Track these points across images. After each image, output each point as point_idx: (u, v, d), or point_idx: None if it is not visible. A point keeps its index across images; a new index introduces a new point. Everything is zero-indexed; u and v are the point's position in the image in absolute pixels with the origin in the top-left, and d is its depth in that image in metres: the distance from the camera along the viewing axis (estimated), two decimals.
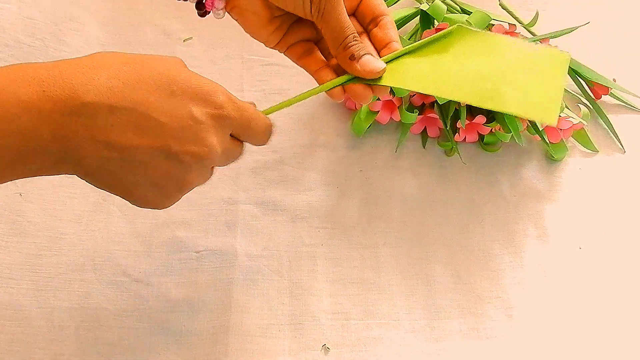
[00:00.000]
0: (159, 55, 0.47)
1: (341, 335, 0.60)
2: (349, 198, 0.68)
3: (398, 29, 0.72)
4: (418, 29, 0.70)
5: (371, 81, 0.53)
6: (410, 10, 0.73)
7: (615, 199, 0.68)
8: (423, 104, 0.71)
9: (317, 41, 0.57)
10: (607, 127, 0.72)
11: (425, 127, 0.70)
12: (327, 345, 0.60)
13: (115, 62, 0.44)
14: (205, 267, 0.63)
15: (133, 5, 0.78)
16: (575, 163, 0.70)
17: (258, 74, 0.74)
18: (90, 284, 0.61)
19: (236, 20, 0.56)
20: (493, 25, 0.66)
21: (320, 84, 0.54)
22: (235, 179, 0.68)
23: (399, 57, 0.53)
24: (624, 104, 0.74)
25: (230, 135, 0.49)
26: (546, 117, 0.50)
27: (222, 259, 0.63)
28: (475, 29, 0.53)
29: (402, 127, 0.71)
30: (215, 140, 0.47)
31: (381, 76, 0.52)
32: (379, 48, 0.54)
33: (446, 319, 0.61)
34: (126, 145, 0.44)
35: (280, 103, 0.54)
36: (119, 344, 0.59)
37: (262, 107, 0.73)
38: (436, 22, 0.67)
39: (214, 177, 0.67)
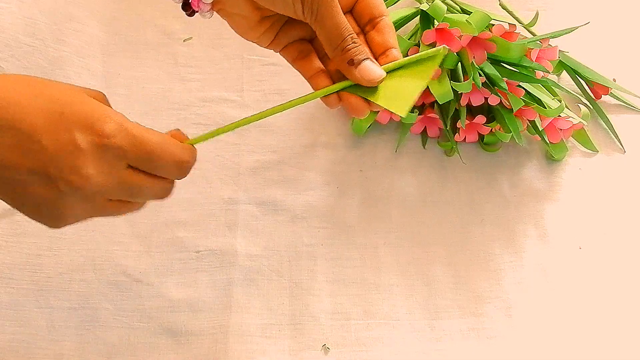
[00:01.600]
0: (70, 86, 0.46)
1: (341, 335, 0.60)
2: (349, 198, 0.68)
3: (398, 29, 0.72)
4: (418, 29, 0.70)
5: (368, 94, 0.49)
6: (410, 10, 0.72)
7: (615, 199, 0.68)
8: (423, 104, 0.71)
9: (313, 39, 0.54)
10: (607, 127, 0.72)
11: (425, 127, 0.70)
12: (327, 345, 0.60)
13: (14, 82, 0.44)
14: (205, 267, 0.63)
15: (133, 5, 0.78)
16: (575, 163, 0.70)
17: (258, 74, 0.74)
18: (90, 284, 0.61)
19: (226, 21, 0.53)
20: (493, 25, 0.66)
21: (315, 90, 0.51)
22: (235, 179, 0.68)
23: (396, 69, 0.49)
24: (624, 104, 0.74)
25: (131, 167, 0.46)
26: (398, 109, 0.48)
27: (222, 259, 0.63)
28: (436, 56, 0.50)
29: (402, 127, 0.71)
30: (93, 171, 0.44)
31: (377, 92, 0.49)
32: (376, 53, 0.50)
33: (446, 319, 0.61)
34: (7, 165, 0.43)
35: (250, 117, 0.51)
36: (119, 344, 0.59)
37: (262, 107, 0.73)
38: (436, 22, 0.67)
39: (214, 177, 0.68)
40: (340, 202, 0.67)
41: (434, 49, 0.50)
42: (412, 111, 0.68)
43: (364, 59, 0.49)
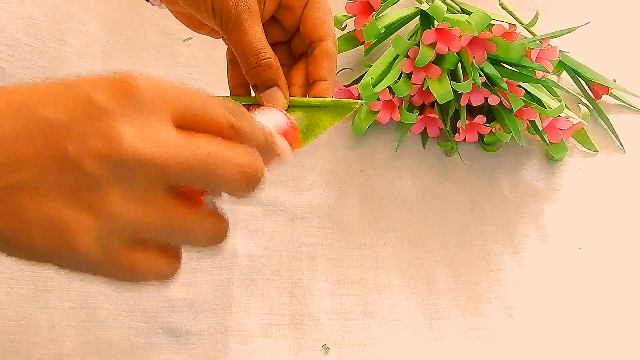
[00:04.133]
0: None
1: (341, 335, 0.60)
2: (349, 198, 0.68)
3: (398, 29, 0.72)
4: (418, 29, 0.70)
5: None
6: (410, 10, 0.72)
7: (615, 199, 0.68)
8: (423, 104, 0.71)
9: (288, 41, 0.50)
10: (607, 127, 0.72)
11: (425, 127, 0.70)
12: (327, 345, 0.60)
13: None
14: (205, 267, 0.63)
15: (133, 5, 0.78)
16: (575, 163, 0.70)
17: None
18: (90, 284, 0.61)
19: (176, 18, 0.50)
20: (493, 25, 0.66)
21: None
22: None
23: (307, 106, 0.47)
24: (624, 104, 0.74)
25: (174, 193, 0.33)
26: (302, 138, 0.46)
27: (222, 259, 0.63)
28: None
29: (402, 127, 0.71)
30: (130, 130, 0.31)
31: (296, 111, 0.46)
32: (310, 82, 0.47)
33: (446, 319, 0.61)
34: (13, 161, 0.30)
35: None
36: (119, 344, 0.59)
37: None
38: (436, 22, 0.67)
39: None
40: (340, 202, 0.67)
41: (351, 100, 0.48)
42: (412, 111, 0.68)
43: (269, 87, 0.45)
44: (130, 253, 0.33)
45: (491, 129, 0.68)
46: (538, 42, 0.67)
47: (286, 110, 0.46)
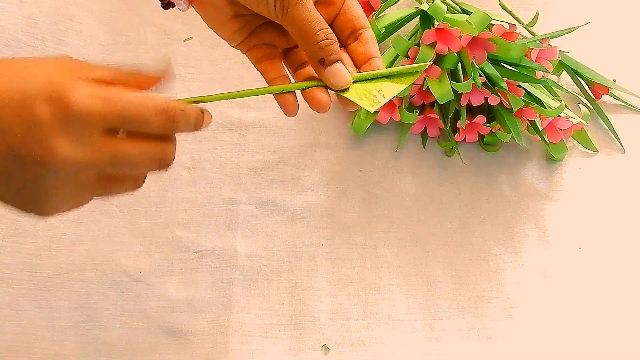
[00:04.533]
0: (28, 59, 0.42)
1: (341, 335, 0.60)
2: (349, 198, 0.68)
3: (398, 29, 0.72)
4: (418, 29, 0.70)
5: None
6: (410, 10, 0.73)
7: (615, 199, 0.68)
8: (423, 104, 0.71)
9: (286, 52, 0.53)
10: (607, 127, 0.72)
11: (425, 127, 0.70)
12: (327, 345, 0.60)
13: None
14: (205, 267, 0.63)
15: (133, 5, 0.78)
16: (575, 163, 0.70)
17: (258, 74, 0.74)
18: (90, 284, 0.61)
19: (199, 14, 0.52)
20: (493, 25, 0.66)
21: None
22: (235, 179, 0.68)
23: (372, 78, 0.50)
24: (624, 104, 0.74)
25: (110, 132, 0.41)
26: (368, 105, 0.48)
27: (222, 259, 0.64)
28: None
29: (402, 127, 0.71)
30: (62, 144, 0.39)
31: (350, 88, 0.49)
32: (360, 63, 0.50)
33: (446, 319, 0.61)
34: None
35: (215, 94, 0.49)
36: (119, 344, 0.59)
37: (262, 107, 0.73)
38: (436, 22, 0.67)
39: (214, 177, 0.68)
40: (340, 202, 0.67)
41: (415, 65, 0.50)
42: (412, 111, 0.68)
43: (336, 61, 0.48)
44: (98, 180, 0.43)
45: (491, 129, 0.68)
46: (538, 42, 0.67)
47: (351, 84, 0.49)
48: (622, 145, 0.71)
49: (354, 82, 0.49)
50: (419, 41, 0.67)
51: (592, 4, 0.80)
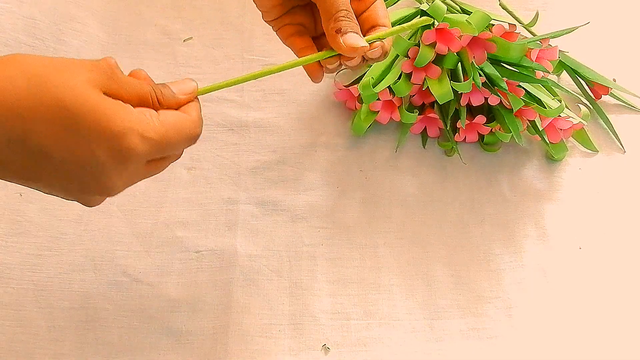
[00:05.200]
0: (73, 63, 0.43)
1: (341, 335, 0.60)
2: (349, 198, 0.68)
3: None
4: (418, 29, 0.70)
5: None
6: (410, 10, 0.73)
7: (615, 199, 0.68)
8: (423, 104, 0.71)
9: (314, 40, 0.57)
10: (607, 127, 0.72)
11: (425, 127, 0.70)
12: (327, 345, 0.60)
13: (10, 80, 0.41)
14: (205, 267, 0.63)
15: (133, 5, 0.78)
16: (575, 163, 0.70)
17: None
18: (90, 284, 0.61)
19: None
20: (493, 25, 0.66)
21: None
22: (235, 179, 0.68)
23: (380, 39, 0.53)
24: (624, 104, 0.74)
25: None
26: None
27: (222, 259, 0.64)
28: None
29: (402, 127, 0.71)
30: (117, 181, 0.45)
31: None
32: (365, 29, 0.54)
33: (446, 319, 0.61)
34: (32, 179, 0.43)
35: (249, 74, 0.53)
36: (119, 344, 0.59)
37: (262, 107, 0.73)
38: (436, 22, 0.67)
39: (214, 177, 0.68)
40: (340, 202, 0.67)
41: (421, 19, 0.56)
42: (412, 111, 0.68)
43: (351, 31, 0.52)
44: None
45: (491, 129, 0.68)
46: (538, 42, 0.67)
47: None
48: (622, 145, 0.71)
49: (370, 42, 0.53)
50: (419, 41, 0.67)
51: (592, 4, 0.80)
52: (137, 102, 0.46)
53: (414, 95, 0.70)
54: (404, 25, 0.54)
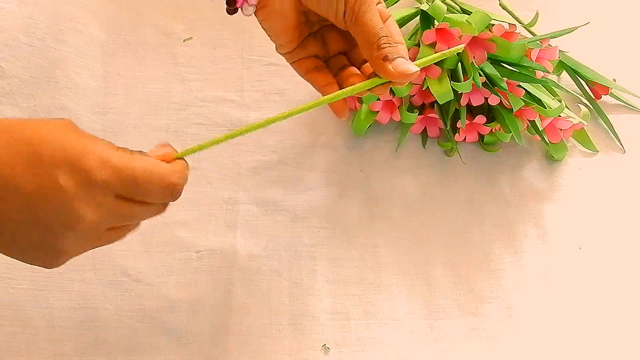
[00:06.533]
0: (37, 121, 0.45)
1: (341, 335, 0.60)
2: (349, 198, 0.68)
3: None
4: (418, 29, 0.70)
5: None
6: (410, 10, 0.72)
7: (615, 199, 0.68)
8: (423, 104, 0.71)
9: (327, 60, 0.57)
10: (607, 127, 0.72)
11: (425, 127, 0.70)
12: (327, 345, 0.60)
13: None
14: (205, 267, 0.63)
15: (133, 5, 0.78)
16: (575, 163, 0.70)
17: (258, 74, 0.74)
18: (90, 284, 0.61)
19: (260, 21, 0.55)
20: (493, 25, 0.66)
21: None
22: (235, 179, 0.68)
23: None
24: (624, 104, 0.74)
25: (120, 196, 0.45)
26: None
27: (222, 259, 0.63)
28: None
29: (402, 127, 0.71)
30: (84, 209, 0.43)
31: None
32: None
33: (446, 319, 0.61)
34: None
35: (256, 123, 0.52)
36: (119, 344, 0.59)
37: (262, 107, 0.73)
38: (436, 22, 0.67)
39: (214, 177, 0.68)
40: (340, 202, 0.67)
41: (457, 47, 0.54)
42: (412, 111, 0.68)
43: (398, 56, 0.51)
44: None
45: (491, 129, 0.68)
46: (538, 42, 0.67)
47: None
48: (622, 145, 0.71)
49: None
50: (419, 41, 0.67)
51: (592, 4, 0.79)
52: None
53: (414, 95, 0.70)
54: (445, 52, 0.54)
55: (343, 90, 0.52)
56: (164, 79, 0.73)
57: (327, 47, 0.57)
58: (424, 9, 0.68)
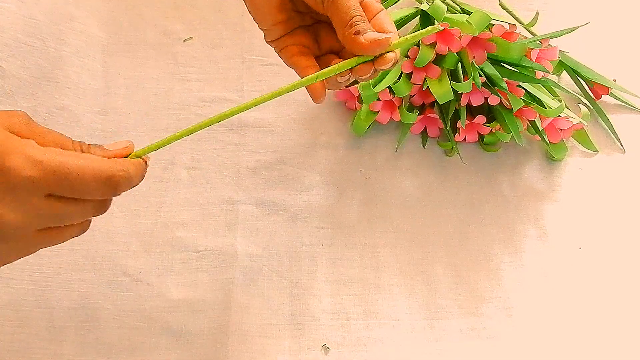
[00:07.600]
0: None
1: (341, 335, 0.60)
2: (349, 198, 0.68)
3: (398, 29, 0.72)
4: (418, 29, 0.70)
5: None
6: (410, 10, 0.73)
7: (615, 199, 0.68)
8: (423, 104, 0.71)
9: (318, 57, 0.56)
10: (607, 127, 0.72)
11: (425, 127, 0.70)
12: (327, 345, 0.60)
13: None
14: (205, 267, 0.63)
15: (133, 5, 0.78)
16: (575, 163, 0.70)
17: (258, 74, 0.74)
18: (90, 284, 0.61)
19: (246, 2, 0.55)
20: (493, 25, 0.66)
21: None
22: (235, 179, 0.68)
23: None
24: (624, 104, 0.74)
25: (51, 195, 0.43)
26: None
27: (222, 259, 0.64)
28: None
29: (402, 127, 0.71)
30: (5, 210, 0.41)
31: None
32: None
33: (446, 319, 0.61)
34: None
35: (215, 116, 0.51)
36: (119, 344, 0.59)
37: (262, 107, 0.73)
38: (436, 22, 0.67)
39: (214, 177, 0.68)
40: (340, 202, 0.67)
41: (431, 27, 0.52)
42: (412, 111, 0.68)
43: (370, 30, 0.50)
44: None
45: (491, 129, 0.68)
46: (538, 42, 0.67)
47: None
48: (622, 145, 0.71)
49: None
50: (419, 41, 0.67)
51: (592, 4, 0.80)
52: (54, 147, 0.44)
53: (414, 95, 0.70)
54: (416, 33, 0.53)
55: (323, 70, 0.51)
56: (164, 79, 0.73)
57: (319, 44, 0.56)
58: (424, 9, 0.68)
